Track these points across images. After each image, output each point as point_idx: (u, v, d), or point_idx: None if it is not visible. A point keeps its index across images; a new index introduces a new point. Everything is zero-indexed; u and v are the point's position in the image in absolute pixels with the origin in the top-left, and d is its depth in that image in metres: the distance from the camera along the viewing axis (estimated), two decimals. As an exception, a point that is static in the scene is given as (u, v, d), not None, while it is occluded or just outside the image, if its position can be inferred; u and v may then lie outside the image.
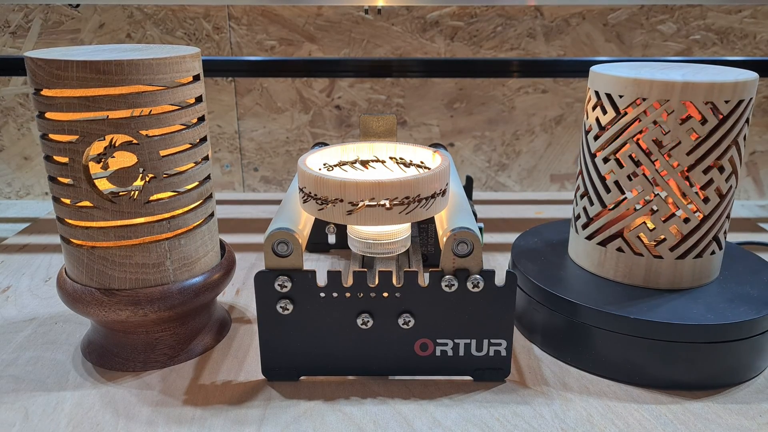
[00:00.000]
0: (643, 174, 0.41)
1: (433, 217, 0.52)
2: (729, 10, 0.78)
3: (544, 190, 0.88)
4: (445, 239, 0.37)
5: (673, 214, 0.41)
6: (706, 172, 0.40)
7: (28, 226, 0.69)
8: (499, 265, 0.58)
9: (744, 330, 0.38)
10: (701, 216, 0.41)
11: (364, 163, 0.46)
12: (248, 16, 0.79)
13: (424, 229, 0.56)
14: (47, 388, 0.39)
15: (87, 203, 0.38)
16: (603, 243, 0.44)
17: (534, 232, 0.53)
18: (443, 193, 0.39)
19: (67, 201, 0.38)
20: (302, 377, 0.41)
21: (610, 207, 0.43)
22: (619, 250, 0.43)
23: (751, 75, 0.40)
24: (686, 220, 0.41)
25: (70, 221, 0.39)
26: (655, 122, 0.40)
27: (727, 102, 0.39)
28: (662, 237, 0.42)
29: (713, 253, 0.42)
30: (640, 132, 0.40)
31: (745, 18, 0.78)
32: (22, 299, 0.52)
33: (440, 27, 0.79)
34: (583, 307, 0.40)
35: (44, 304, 0.51)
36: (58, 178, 0.38)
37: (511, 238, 0.65)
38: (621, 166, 0.42)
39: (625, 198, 0.42)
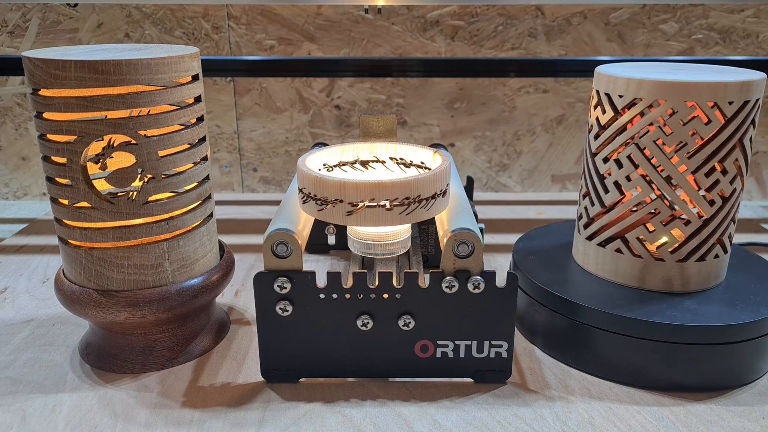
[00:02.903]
0: (641, 175, 0.41)
1: (433, 218, 0.51)
2: (731, 10, 0.77)
3: (545, 190, 0.87)
4: (445, 240, 0.37)
5: (674, 217, 0.41)
6: (708, 174, 0.40)
7: (25, 227, 0.69)
8: (500, 266, 0.58)
9: (747, 332, 0.38)
10: (704, 218, 0.41)
11: (364, 164, 0.45)
12: (247, 16, 0.78)
13: (425, 230, 0.55)
14: (45, 390, 0.39)
15: (85, 204, 0.38)
16: (602, 244, 0.43)
17: (535, 233, 0.53)
18: (444, 193, 0.39)
19: (65, 202, 0.38)
20: (302, 379, 0.40)
21: (609, 208, 0.43)
22: (618, 251, 0.43)
23: (758, 75, 0.39)
24: (687, 223, 0.41)
25: (67, 222, 0.39)
26: (653, 123, 0.39)
27: (731, 103, 0.38)
28: (663, 239, 0.41)
29: (717, 256, 0.42)
30: (641, 133, 0.40)
31: (747, 17, 0.78)
32: (20, 300, 0.51)
33: (441, 26, 0.79)
34: (584, 308, 0.40)
35: (42, 306, 0.50)
36: (56, 179, 0.38)
37: (512, 239, 0.65)
38: (620, 166, 0.41)
39: (624, 199, 0.42)
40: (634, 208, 0.42)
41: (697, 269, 0.42)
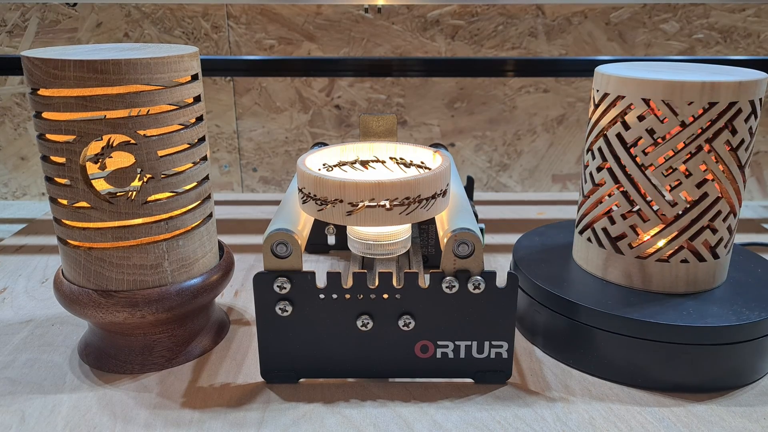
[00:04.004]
0: (607, 168, 0.42)
1: (433, 218, 0.51)
2: (732, 9, 0.77)
3: (545, 190, 0.87)
4: (445, 240, 0.36)
5: (631, 211, 0.41)
6: (667, 174, 0.39)
7: (24, 227, 0.69)
8: (501, 266, 0.58)
9: (748, 332, 0.38)
10: (667, 219, 0.40)
11: (364, 164, 0.45)
12: (247, 15, 0.78)
13: (425, 230, 0.55)
14: (44, 391, 0.39)
15: (84, 204, 0.37)
16: (581, 232, 0.45)
17: (535, 233, 0.53)
18: (444, 193, 0.38)
19: (64, 202, 0.38)
20: (301, 380, 0.40)
21: (586, 197, 0.44)
22: (588, 240, 0.44)
23: (735, 77, 0.38)
24: (646, 221, 0.41)
25: (67, 222, 0.39)
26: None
27: (690, 104, 0.38)
28: (622, 232, 0.42)
29: (686, 261, 0.41)
30: (608, 126, 0.41)
31: (748, 17, 0.77)
32: (19, 301, 0.51)
33: (441, 26, 0.79)
34: (585, 308, 0.40)
35: (41, 306, 0.50)
36: (55, 179, 0.38)
37: (512, 239, 0.65)
38: (593, 157, 0.43)
39: (595, 189, 0.43)
40: (602, 199, 0.43)
41: (660, 270, 0.41)
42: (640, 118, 0.39)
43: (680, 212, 0.40)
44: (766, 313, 0.39)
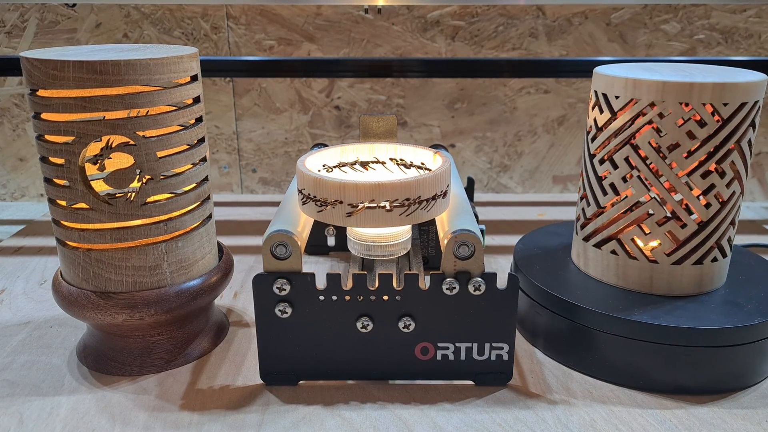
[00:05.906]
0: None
1: (434, 219, 0.51)
2: (733, 10, 0.77)
3: (546, 191, 0.87)
4: (446, 241, 0.36)
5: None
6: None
7: (23, 228, 0.69)
8: (501, 267, 0.58)
9: (750, 334, 0.38)
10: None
11: (364, 165, 0.45)
12: (246, 16, 0.78)
13: (425, 231, 0.55)
14: (42, 393, 0.39)
15: (83, 205, 0.37)
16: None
17: (536, 235, 0.53)
18: (444, 194, 0.38)
19: (63, 203, 0.38)
20: (301, 382, 0.40)
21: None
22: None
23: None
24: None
25: (65, 223, 0.38)
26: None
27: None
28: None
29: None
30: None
31: (750, 17, 0.77)
32: (17, 302, 0.51)
33: (441, 26, 0.79)
34: (586, 310, 0.40)
35: (39, 308, 0.50)
36: (54, 180, 0.38)
37: (513, 240, 0.65)
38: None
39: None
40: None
41: (594, 255, 0.44)
42: (592, 107, 0.42)
43: (610, 203, 0.42)
44: (768, 315, 0.38)
